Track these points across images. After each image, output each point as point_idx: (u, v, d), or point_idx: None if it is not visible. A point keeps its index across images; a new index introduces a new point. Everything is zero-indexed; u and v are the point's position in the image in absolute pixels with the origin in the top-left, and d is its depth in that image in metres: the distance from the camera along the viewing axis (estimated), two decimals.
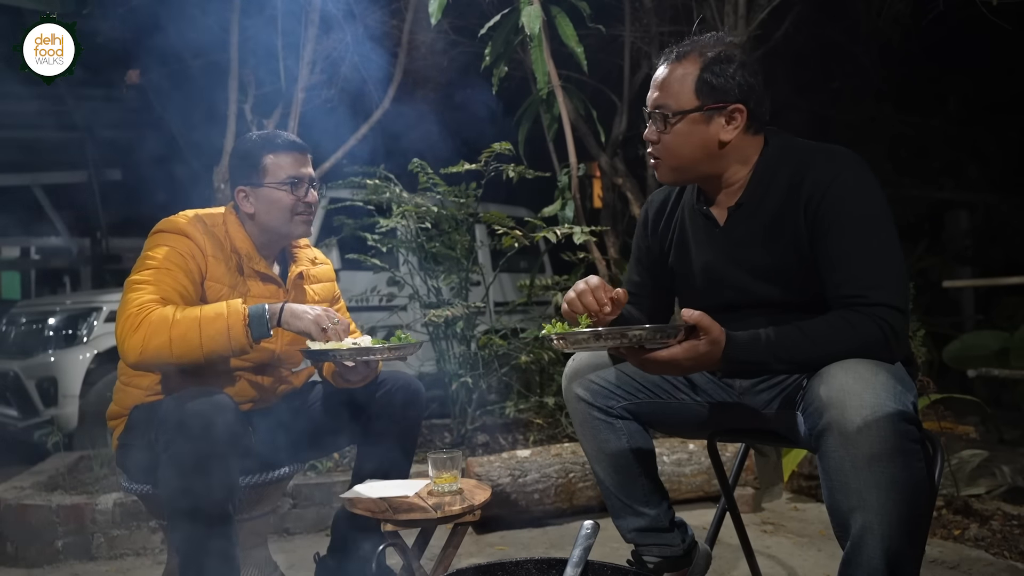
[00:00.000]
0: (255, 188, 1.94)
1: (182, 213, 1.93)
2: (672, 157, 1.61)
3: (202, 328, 1.66)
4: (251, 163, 1.94)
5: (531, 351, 3.83)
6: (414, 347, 1.81)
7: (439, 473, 1.88)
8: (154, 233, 1.88)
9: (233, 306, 1.71)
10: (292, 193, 1.93)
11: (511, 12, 4.03)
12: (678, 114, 1.57)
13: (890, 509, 1.25)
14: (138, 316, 1.66)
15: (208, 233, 1.89)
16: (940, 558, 2.45)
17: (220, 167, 4.40)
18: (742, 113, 1.56)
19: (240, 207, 1.96)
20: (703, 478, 3.15)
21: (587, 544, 1.31)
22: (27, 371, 4.47)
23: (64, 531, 2.78)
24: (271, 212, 1.93)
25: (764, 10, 4.35)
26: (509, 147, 3.62)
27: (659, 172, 1.67)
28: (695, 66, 1.56)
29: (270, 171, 1.93)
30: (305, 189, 1.95)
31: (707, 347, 1.35)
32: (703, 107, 1.55)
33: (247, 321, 1.70)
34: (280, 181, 1.92)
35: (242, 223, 1.96)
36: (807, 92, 7.55)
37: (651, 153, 1.65)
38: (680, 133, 1.58)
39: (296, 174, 1.94)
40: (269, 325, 1.73)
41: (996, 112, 8.21)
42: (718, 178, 1.63)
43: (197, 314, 1.68)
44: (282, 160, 1.94)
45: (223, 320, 1.68)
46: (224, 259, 1.89)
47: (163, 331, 1.65)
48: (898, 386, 1.30)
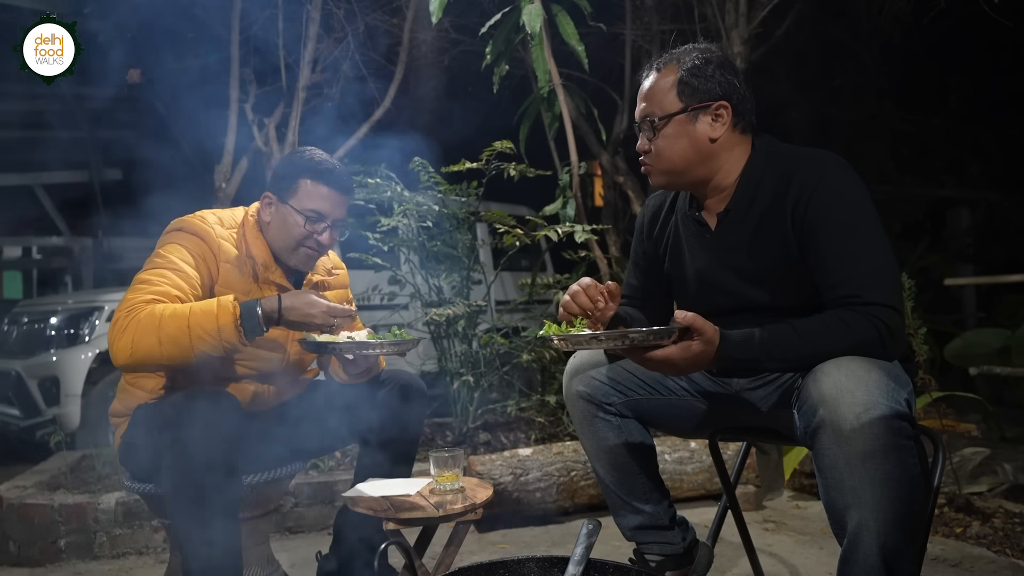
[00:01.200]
0: (279, 202, 1.89)
1: (199, 214, 1.88)
2: (662, 161, 1.64)
3: (191, 328, 1.59)
4: (288, 177, 1.88)
5: (532, 350, 3.83)
6: (413, 343, 1.79)
7: (441, 472, 1.88)
8: (168, 231, 1.84)
9: (224, 303, 1.63)
10: (306, 226, 1.87)
11: (512, 10, 4.03)
12: (664, 118, 1.61)
13: (885, 506, 1.26)
14: (127, 317, 1.61)
15: (224, 236, 1.85)
16: (942, 556, 2.45)
17: (221, 166, 4.40)
18: (727, 109, 1.59)
19: (261, 211, 1.92)
20: (705, 476, 3.15)
21: (589, 542, 1.31)
22: (29, 371, 4.48)
23: (66, 530, 2.79)
24: (280, 232, 1.88)
25: (765, 8, 4.35)
26: (510, 146, 3.62)
27: (652, 178, 1.69)
28: (674, 73, 1.62)
29: (299, 194, 1.86)
30: (323, 228, 1.88)
31: (701, 347, 1.37)
32: (687, 108, 1.59)
33: (238, 320, 1.62)
34: (302, 208, 1.86)
35: (261, 230, 1.91)
36: (808, 90, 7.55)
37: (643, 161, 1.68)
38: (668, 136, 1.62)
39: (321, 209, 1.87)
40: (262, 323, 1.66)
41: (997, 110, 8.20)
42: (708, 182, 1.65)
43: (186, 312, 1.61)
44: (316, 190, 1.87)
45: (212, 319, 1.60)
46: (238, 265, 1.85)
47: (151, 332, 1.59)
48: (892, 383, 1.31)
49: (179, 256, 1.76)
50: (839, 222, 1.47)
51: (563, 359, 3.75)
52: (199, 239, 1.81)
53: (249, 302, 1.67)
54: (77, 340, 4.46)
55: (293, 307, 1.69)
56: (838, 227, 1.47)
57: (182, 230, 1.82)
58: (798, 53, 6.42)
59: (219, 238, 1.83)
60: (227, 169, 4.44)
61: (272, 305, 1.68)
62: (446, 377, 3.84)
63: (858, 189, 1.50)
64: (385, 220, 3.68)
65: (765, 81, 6.26)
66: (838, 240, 1.46)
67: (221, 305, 1.63)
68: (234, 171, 4.49)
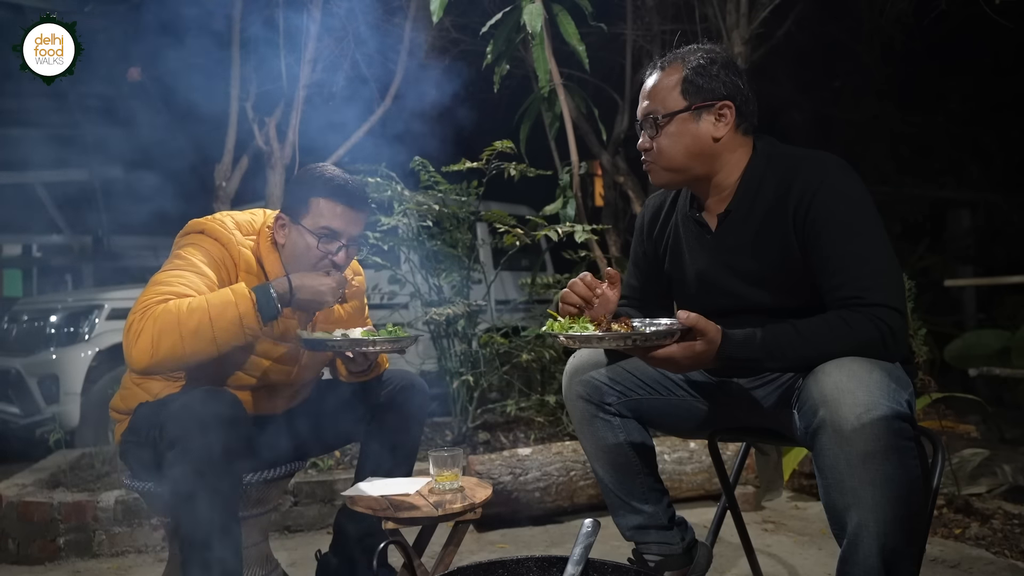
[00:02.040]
0: (292, 222, 1.83)
1: (217, 217, 1.83)
2: (664, 158, 1.63)
3: (212, 320, 1.58)
4: (300, 196, 1.82)
5: (532, 349, 3.83)
6: (411, 340, 1.78)
7: (440, 471, 1.88)
8: (187, 233, 1.80)
9: (239, 291, 1.63)
10: (320, 246, 1.80)
11: (513, 10, 4.03)
12: (667, 116, 1.61)
13: (885, 507, 1.26)
14: (142, 319, 1.58)
15: (244, 244, 1.81)
16: (941, 557, 2.45)
17: (221, 164, 4.40)
18: (731, 109, 1.59)
19: (275, 232, 1.87)
20: (704, 476, 3.16)
21: (588, 542, 1.31)
22: (29, 368, 4.48)
23: (66, 528, 2.79)
24: (294, 255, 1.83)
25: (766, 8, 4.35)
26: (511, 145, 3.62)
27: (653, 175, 1.69)
28: (679, 71, 1.61)
29: (311, 213, 1.80)
30: (338, 247, 1.82)
31: (703, 346, 1.38)
32: (691, 106, 1.59)
33: (256, 305, 1.63)
34: (314, 228, 1.80)
35: (276, 248, 1.86)
36: (809, 90, 7.55)
37: (645, 159, 1.68)
38: (671, 134, 1.61)
39: (334, 227, 1.80)
40: (278, 304, 1.67)
41: (998, 111, 8.19)
42: (709, 181, 1.65)
43: (204, 305, 1.60)
44: (327, 207, 1.79)
45: (233, 307, 1.60)
46: (256, 275, 1.82)
47: (172, 328, 1.56)
48: (893, 384, 1.31)
49: (198, 258, 1.74)
50: (841, 223, 1.47)
51: (563, 359, 3.75)
52: (220, 244, 1.78)
53: (262, 286, 1.67)
54: (77, 338, 4.46)
55: (303, 286, 1.71)
56: (840, 228, 1.47)
57: (203, 232, 1.79)
58: (799, 54, 6.42)
59: (239, 245, 1.80)
60: (227, 168, 4.44)
61: (284, 286, 1.70)
62: (446, 376, 3.84)
63: (859, 190, 1.51)
64: (385, 219, 3.68)
65: (766, 82, 6.26)
66: (840, 241, 1.46)
67: (237, 293, 1.63)
68: (234, 170, 4.49)
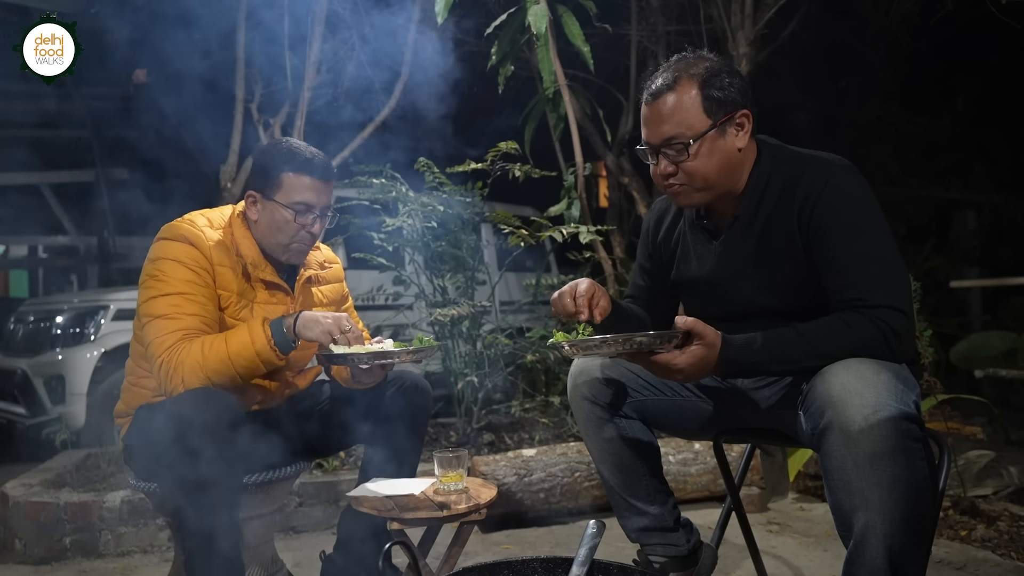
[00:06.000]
0: (264, 199, 1.87)
1: (187, 218, 1.87)
2: (699, 180, 1.57)
3: (232, 360, 1.70)
4: (268, 172, 1.86)
5: (537, 350, 3.83)
6: (432, 350, 1.79)
7: (445, 472, 1.88)
8: (159, 240, 1.82)
9: (255, 331, 1.72)
10: (296, 220, 1.85)
11: (517, 11, 4.03)
12: (698, 138, 1.54)
13: (892, 508, 1.26)
14: (169, 362, 1.69)
15: (215, 238, 1.84)
16: (947, 559, 2.44)
17: (227, 166, 4.41)
18: (748, 117, 1.57)
19: (247, 210, 1.90)
20: (709, 478, 3.15)
21: (593, 543, 1.30)
22: (35, 369, 4.49)
23: (72, 528, 2.80)
24: (270, 230, 1.87)
25: (771, 9, 4.34)
26: (515, 146, 3.62)
27: (682, 198, 1.62)
28: (694, 88, 1.54)
29: (283, 188, 1.84)
30: (312, 218, 1.87)
31: (704, 351, 1.38)
32: (716, 123, 1.54)
33: (272, 343, 1.72)
34: (289, 202, 1.84)
35: (249, 228, 1.90)
36: (814, 91, 7.53)
37: (671, 184, 1.60)
38: (704, 155, 1.55)
39: (307, 200, 1.85)
40: (292, 338, 1.75)
41: (1004, 112, 8.17)
42: (731, 191, 1.62)
43: (224, 347, 1.70)
44: (299, 181, 1.84)
45: (249, 347, 1.71)
46: (231, 265, 1.85)
47: (198, 371, 1.68)
48: (900, 385, 1.31)
49: (182, 276, 1.76)
50: (846, 224, 1.47)
51: (567, 360, 3.75)
52: (191, 247, 1.80)
53: (275, 321, 1.75)
54: (83, 339, 4.47)
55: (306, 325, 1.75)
56: (845, 229, 1.47)
57: (172, 239, 1.81)
58: (804, 54, 6.40)
59: (210, 240, 1.82)
60: (232, 169, 4.45)
61: (289, 322, 1.76)
62: (450, 377, 3.84)
63: (864, 191, 1.50)
64: (390, 220, 3.68)
65: (771, 82, 6.24)
66: (845, 242, 1.46)
67: (253, 332, 1.72)
68: (239, 171, 4.50)
